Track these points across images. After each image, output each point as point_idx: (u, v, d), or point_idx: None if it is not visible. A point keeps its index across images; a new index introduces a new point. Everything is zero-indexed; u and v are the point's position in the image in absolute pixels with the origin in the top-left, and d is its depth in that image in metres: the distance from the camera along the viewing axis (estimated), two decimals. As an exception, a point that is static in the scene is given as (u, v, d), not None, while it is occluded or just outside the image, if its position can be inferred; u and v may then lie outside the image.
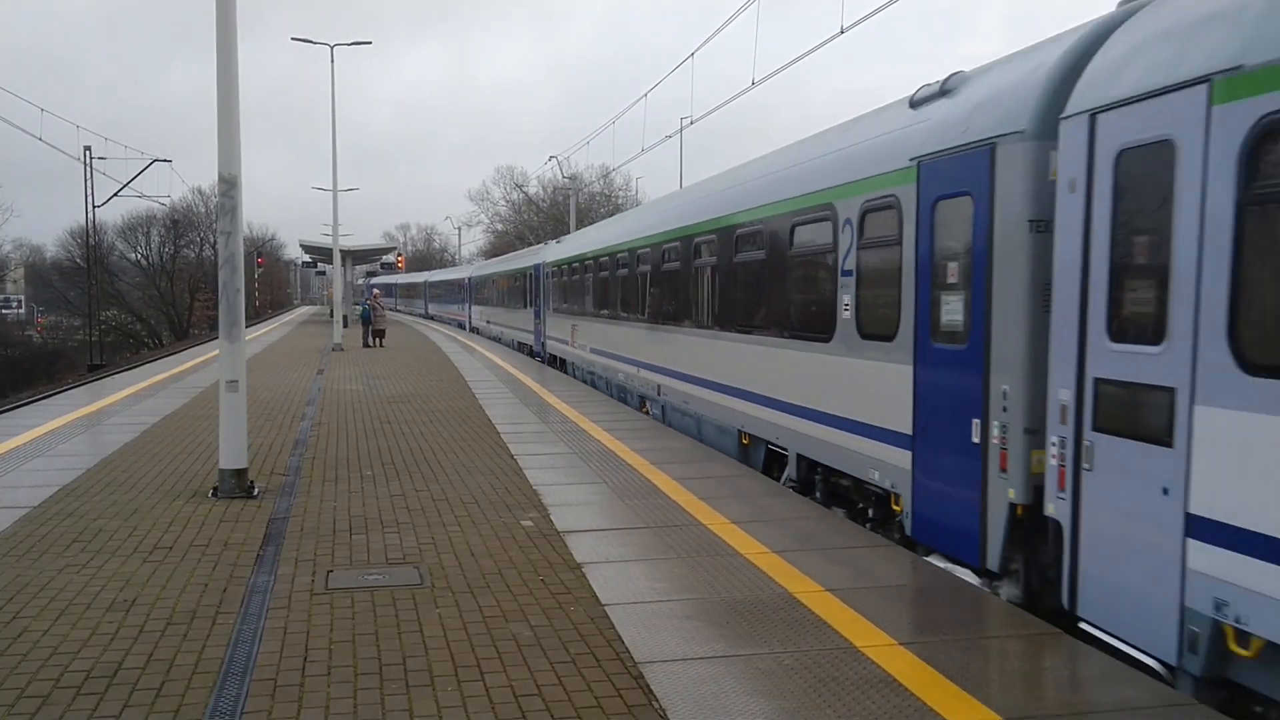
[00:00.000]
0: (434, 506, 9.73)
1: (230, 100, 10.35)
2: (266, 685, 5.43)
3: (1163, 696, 5.25)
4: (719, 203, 13.82)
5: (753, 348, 12.23)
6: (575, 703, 5.21)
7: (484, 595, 6.98)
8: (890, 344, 8.81)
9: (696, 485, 10.57)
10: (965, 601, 6.82)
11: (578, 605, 6.75)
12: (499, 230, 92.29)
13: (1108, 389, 6.16)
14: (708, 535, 8.54)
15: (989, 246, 7.40)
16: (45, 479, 10.95)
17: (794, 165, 11.40)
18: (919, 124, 8.59)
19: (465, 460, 12.25)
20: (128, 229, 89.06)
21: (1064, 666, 5.64)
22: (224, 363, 10.45)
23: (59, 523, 9.05)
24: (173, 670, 5.63)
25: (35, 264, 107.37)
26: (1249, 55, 5.17)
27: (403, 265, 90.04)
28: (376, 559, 7.92)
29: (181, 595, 6.97)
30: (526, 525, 8.97)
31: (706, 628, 6.27)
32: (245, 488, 10.27)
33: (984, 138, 7.51)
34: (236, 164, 10.43)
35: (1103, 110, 6.20)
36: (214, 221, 56.03)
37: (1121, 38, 6.38)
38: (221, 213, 10.56)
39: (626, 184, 78.90)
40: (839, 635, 6.13)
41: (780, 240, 11.38)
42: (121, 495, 10.22)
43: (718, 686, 5.36)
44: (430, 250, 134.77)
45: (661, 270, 16.50)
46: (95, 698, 5.27)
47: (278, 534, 8.69)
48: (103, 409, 17.51)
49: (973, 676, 5.48)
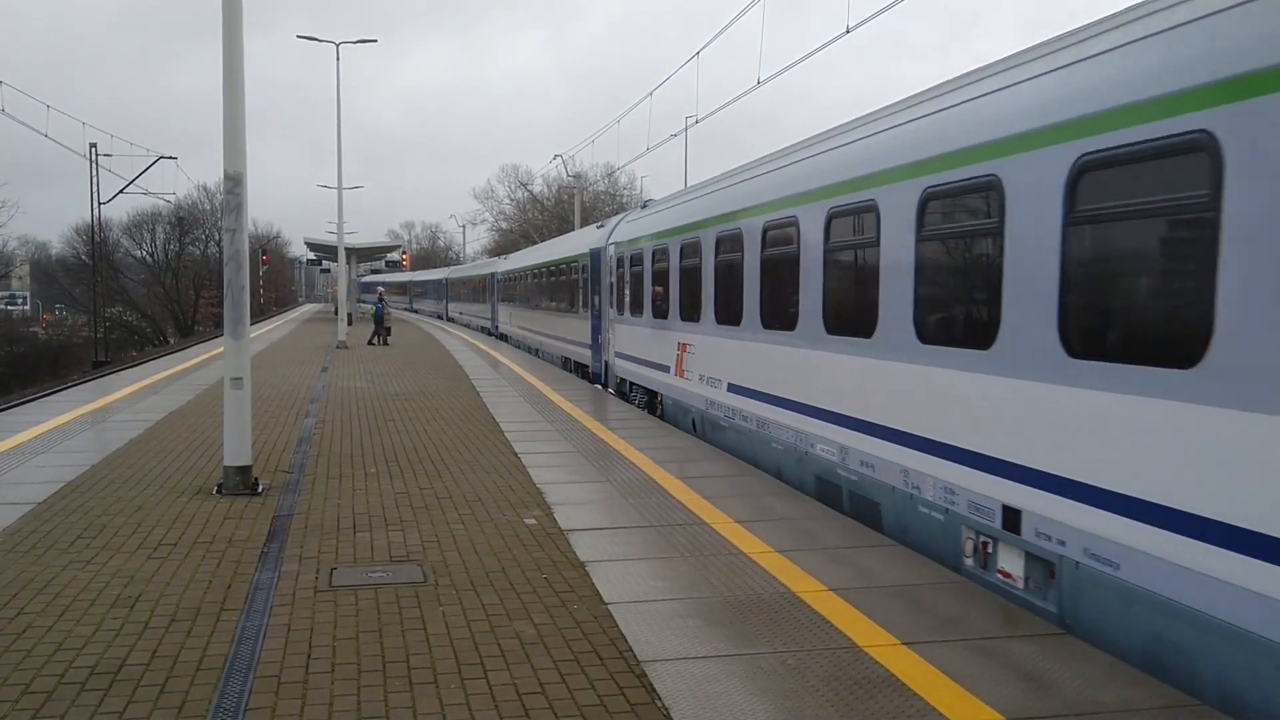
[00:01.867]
0: (437, 504, 9.74)
1: (236, 97, 10.37)
2: (270, 682, 5.44)
3: (1166, 697, 5.25)
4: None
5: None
6: (578, 701, 5.22)
7: (487, 593, 6.99)
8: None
9: (700, 485, 10.57)
10: (967, 602, 6.82)
11: (581, 604, 6.76)
12: (503, 229, 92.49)
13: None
14: (711, 534, 8.55)
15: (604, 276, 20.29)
16: (50, 475, 10.98)
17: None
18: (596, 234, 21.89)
19: (469, 458, 12.26)
20: (133, 226, 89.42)
21: (1066, 666, 5.63)
22: (229, 360, 10.47)
23: (64, 519, 9.07)
24: (176, 667, 5.64)
25: (40, 260, 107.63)
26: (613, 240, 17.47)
27: (407, 263, 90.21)
28: (380, 556, 7.93)
29: (186, 592, 6.98)
30: (530, 523, 8.98)
31: (709, 627, 6.28)
32: (250, 485, 10.29)
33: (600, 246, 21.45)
34: (242, 161, 10.44)
35: (613, 244, 20.15)
36: (219, 218, 56.21)
37: (618, 229, 20.92)
38: (227, 210, 10.58)
39: (631, 183, 79.06)
40: (842, 635, 6.13)
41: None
42: (126, 492, 10.24)
43: (720, 686, 5.36)
44: (435, 248, 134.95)
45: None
46: (99, 694, 5.28)
47: (282, 531, 8.71)
48: (107, 406, 17.55)
49: (975, 676, 5.47)
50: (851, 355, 9.70)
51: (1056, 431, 6.68)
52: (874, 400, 9.26)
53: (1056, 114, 6.76)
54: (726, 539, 8.37)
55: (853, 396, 9.70)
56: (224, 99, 10.36)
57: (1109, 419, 6.18)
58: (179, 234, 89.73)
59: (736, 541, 8.29)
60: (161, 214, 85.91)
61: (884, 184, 9.09)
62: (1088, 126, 6.42)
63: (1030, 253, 6.93)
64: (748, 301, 12.46)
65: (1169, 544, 5.66)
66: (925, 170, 8.40)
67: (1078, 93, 6.60)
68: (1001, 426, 7.28)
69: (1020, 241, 7.06)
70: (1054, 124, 6.76)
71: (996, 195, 7.34)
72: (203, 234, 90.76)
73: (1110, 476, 6.16)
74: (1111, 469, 6.16)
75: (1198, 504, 5.49)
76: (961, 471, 7.76)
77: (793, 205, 11.09)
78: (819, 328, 10.40)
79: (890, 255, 8.94)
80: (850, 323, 9.75)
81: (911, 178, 8.58)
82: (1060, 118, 6.70)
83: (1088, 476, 6.35)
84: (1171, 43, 5.92)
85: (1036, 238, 6.86)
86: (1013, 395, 7.15)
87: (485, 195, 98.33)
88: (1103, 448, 6.24)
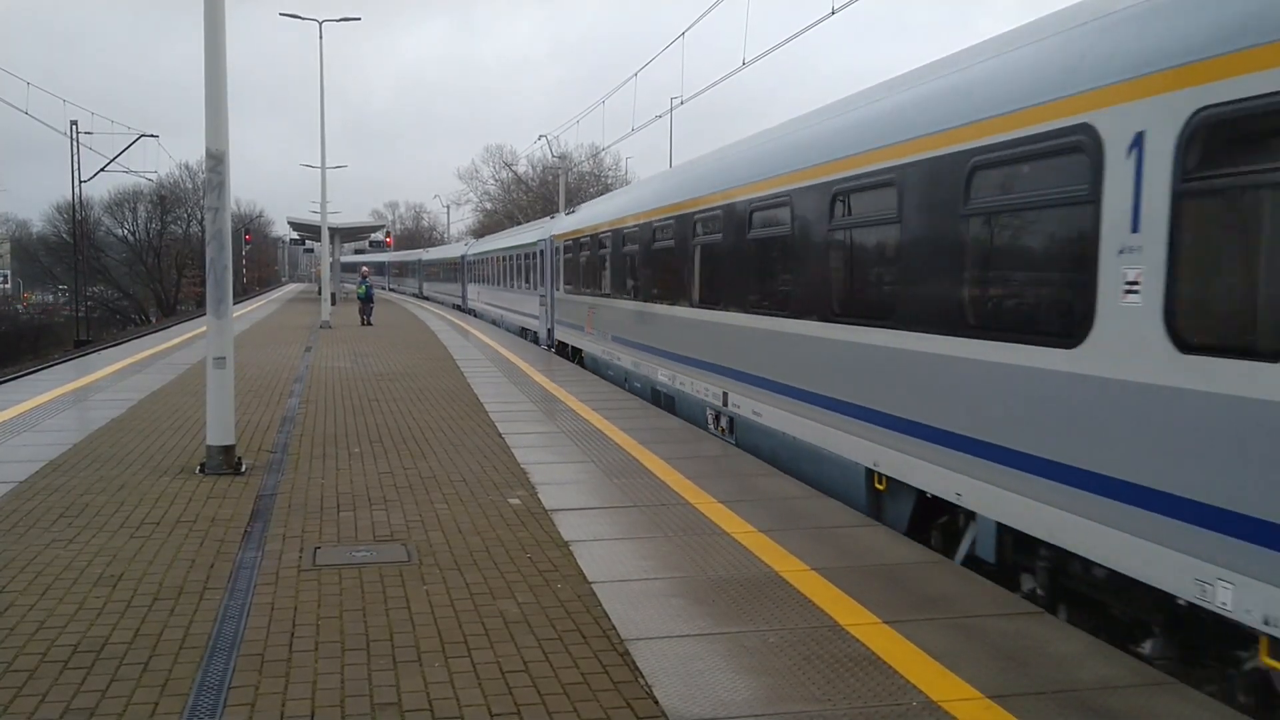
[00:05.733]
0: (422, 484, 9.75)
1: (218, 74, 10.28)
2: (254, 660, 5.44)
3: (1143, 675, 5.32)
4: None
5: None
6: (562, 679, 5.25)
7: (471, 572, 7.00)
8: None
9: (684, 465, 10.60)
10: (949, 581, 6.87)
11: (565, 583, 6.78)
12: (488, 209, 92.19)
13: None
14: (695, 514, 8.58)
15: (548, 262, 26.87)
16: (32, 454, 10.92)
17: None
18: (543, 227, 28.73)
19: (453, 438, 12.26)
20: (115, 204, 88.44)
21: (1045, 645, 5.69)
22: (211, 339, 10.42)
23: (45, 497, 9.03)
24: (160, 645, 5.64)
25: (21, 239, 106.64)
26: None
27: (390, 243, 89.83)
28: (364, 536, 7.93)
29: (169, 570, 6.97)
30: (514, 503, 8.99)
31: (692, 605, 6.31)
32: (233, 464, 10.27)
33: (545, 237, 27.54)
34: (225, 139, 10.36)
35: (551, 236, 26.42)
36: (201, 197, 55.66)
37: (555, 224, 27.81)
38: (209, 189, 10.50)
39: (616, 164, 78.81)
40: (824, 613, 6.17)
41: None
42: (108, 471, 10.20)
43: (703, 664, 5.39)
44: (419, 229, 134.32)
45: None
46: (82, 671, 5.28)
47: (265, 510, 8.70)
48: (89, 385, 17.44)
49: (955, 654, 5.53)
50: (662, 311, 15.43)
51: (742, 350, 11.98)
52: (676, 341, 14.80)
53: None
54: (710, 519, 8.41)
55: (668, 339, 15.26)
56: (206, 76, 10.27)
57: (763, 346, 11.32)
58: (161, 213, 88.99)
59: (720, 521, 8.32)
60: (143, 193, 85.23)
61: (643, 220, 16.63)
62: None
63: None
64: (614, 279, 19.01)
65: (777, 407, 10.89)
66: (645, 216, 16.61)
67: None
68: (721, 350, 12.77)
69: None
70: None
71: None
72: (185, 213, 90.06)
73: (762, 372, 11.35)
74: (762, 369, 11.35)
75: (787, 384, 10.67)
76: (705, 377, 13.44)
77: (634, 221, 17.33)
78: (650, 295, 16.19)
79: (675, 252, 14.77)
80: (662, 292, 15.55)
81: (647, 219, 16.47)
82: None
83: (756, 370, 11.52)
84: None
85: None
86: (724, 330, 12.59)
87: (470, 175, 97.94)
88: (757, 360, 11.49)
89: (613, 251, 18.90)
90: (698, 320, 13.66)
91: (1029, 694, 5.06)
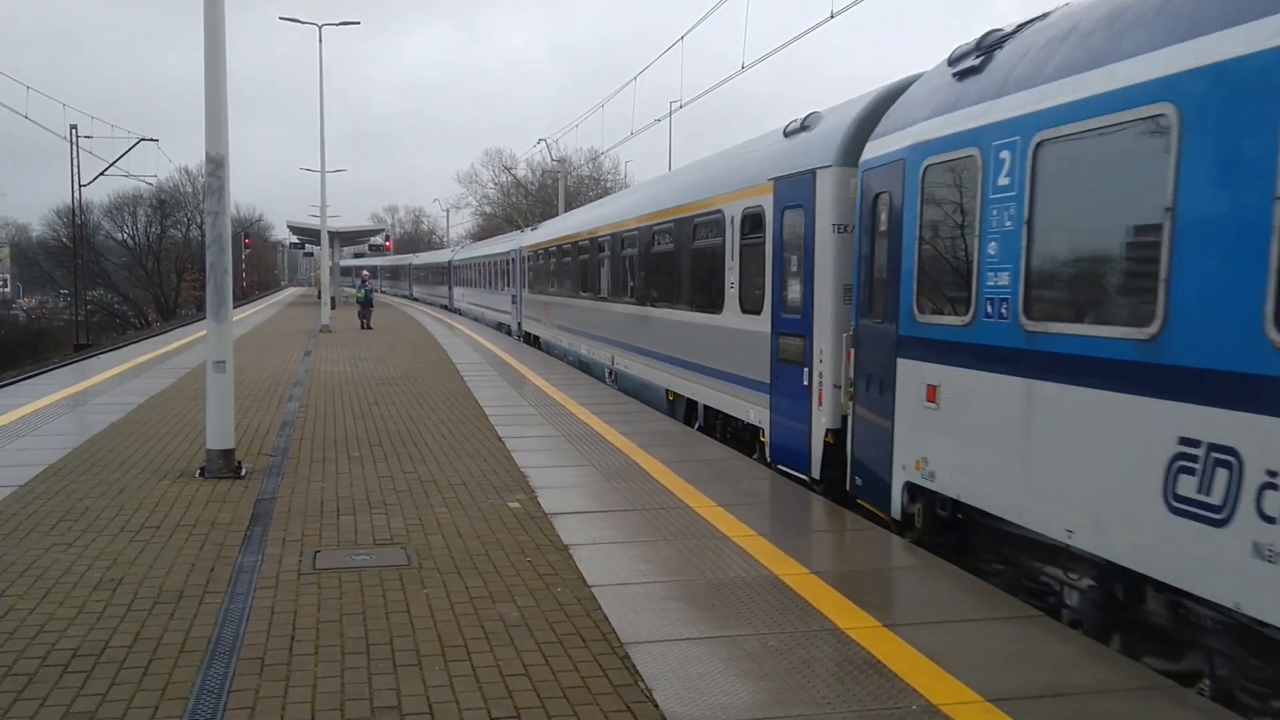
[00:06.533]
0: (421, 488, 9.75)
1: (218, 78, 10.29)
2: (253, 664, 5.45)
3: (1141, 679, 5.33)
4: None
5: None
6: (561, 682, 5.25)
7: (471, 576, 7.01)
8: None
9: (683, 468, 10.61)
10: (948, 585, 6.89)
11: (564, 586, 6.79)
12: (487, 213, 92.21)
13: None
14: (694, 518, 8.59)
15: (517, 268, 30.36)
16: (31, 458, 10.92)
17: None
18: (515, 239, 31.64)
19: (453, 442, 12.26)
20: (114, 208, 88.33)
21: (1044, 649, 5.70)
22: (211, 343, 10.43)
23: (45, 501, 9.04)
24: (160, 649, 5.65)
25: (21, 243, 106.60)
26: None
27: (390, 248, 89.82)
28: (364, 540, 7.94)
29: (169, 574, 6.98)
30: (514, 507, 9.00)
31: (692, 609, 6.32)
32: (232, 468, 10.27)
33: (516, 247, 33.05)
34: (224, 143, 10.37)
35: (520, 246, 32.98)
36: (201, 201, 55.74)
37: (523, 237, 33.47)
38: (209, 193, 10.51)
39: (615, 167, 78.89)
40: (823, 617, 6.18)
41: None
42: (108, 475, 10.21)
43: (703, 667, 5.40)
44: (418, 232, 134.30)
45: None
46: (82, 675, 5.28)
47: (265, 514, 8.70)
48: (89, 389, 17.45)
49: (955, 658, 5.53)
50: (581, 304, 22.13)
51: (621, 328, 18.17)
52: (588, 324, 21.44)
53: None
54: (709, 522, 8.42)
55: (585, 323, 21.74)
56: (205, 80, 10.28)
57: (624, 323, 18.12)
58: (160, 217, 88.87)
59: (719, 525, 8.33)
60: (143, 197, 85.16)
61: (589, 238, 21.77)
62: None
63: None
64: (558, 281, 25.36)
65: (633, 361, 17.47)
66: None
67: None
68: (609, 328, 19.22)
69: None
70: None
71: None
72: (184, 217, 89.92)
73: (627, 343, 17.76)
74: (627, 340, 17.68)
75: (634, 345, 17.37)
76: (602, 347, 20.02)
77: (566, 239, 24.36)
78: (576, 293, 22.66)
79: (589, 263, 21.34)
80: (581, 291, 22.22)
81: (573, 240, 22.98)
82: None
83: (621, 339, 18.19)
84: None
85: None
86: (616, 315, 18.70)
87: (469, 179, 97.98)
88: (624, 332, 18.02)
89: (557, 260, 25.63)
90: (598, 308, 20.55)
91: (1028, 697, 5.07)
